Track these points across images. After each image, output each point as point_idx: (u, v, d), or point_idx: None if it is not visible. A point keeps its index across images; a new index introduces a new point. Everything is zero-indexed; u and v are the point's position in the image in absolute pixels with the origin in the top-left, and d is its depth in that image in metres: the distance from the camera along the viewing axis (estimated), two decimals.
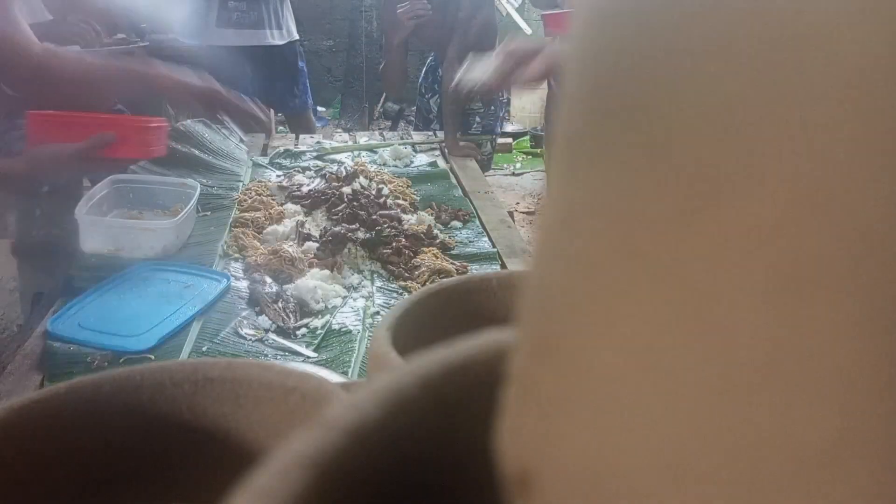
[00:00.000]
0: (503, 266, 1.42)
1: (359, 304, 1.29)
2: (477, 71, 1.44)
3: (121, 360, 1.08)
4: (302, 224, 1.52)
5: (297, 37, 2.77)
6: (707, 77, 0.11)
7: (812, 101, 0.10)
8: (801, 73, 0.10)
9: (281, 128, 3.48)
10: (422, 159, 2.15)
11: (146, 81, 1.42)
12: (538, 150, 4.49)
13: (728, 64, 0.11)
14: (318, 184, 1.73)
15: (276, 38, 2.67)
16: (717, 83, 0.11)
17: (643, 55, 0.12)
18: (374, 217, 1.52)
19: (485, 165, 2.55)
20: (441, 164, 2.13)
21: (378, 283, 1.37)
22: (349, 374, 1.08)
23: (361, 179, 1.73)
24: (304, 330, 1.20)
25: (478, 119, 2.50)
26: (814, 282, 0.10)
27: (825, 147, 0.10)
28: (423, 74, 2.63)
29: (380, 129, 3.44)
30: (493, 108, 2.52)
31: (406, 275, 1.38)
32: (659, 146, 0.12)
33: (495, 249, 1.51)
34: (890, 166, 0.10)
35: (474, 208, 1.75)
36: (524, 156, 4.50)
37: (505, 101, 2.60)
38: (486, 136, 2.51)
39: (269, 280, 1.30)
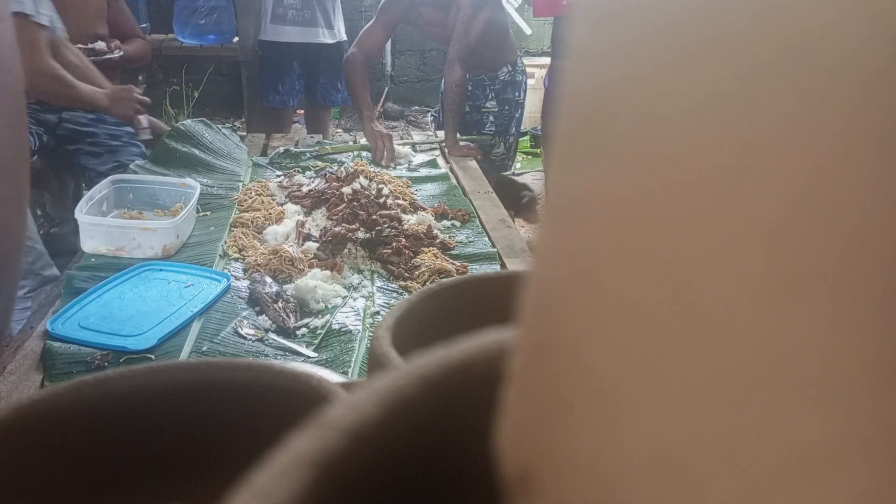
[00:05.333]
0: (503, 266, 1.42)
1: (359, 304, 1.29)
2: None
3: (121, 360, 1.08)
4: (302, 224, 1.52)
5: (345, 38, 2.88)
6: (706, 74, 0.11)
7: (812, 100, 0.10)
8: (800, 71, 0.10)
9: (296, 123, 3.56)
10: (422, 159, 2.15)
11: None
12: (538, 150, 4.49)
13: (726, 62, 0.11)
14: (318, 184, 1.73)
15: (327, 37, 2.80)
16: (715, 79, 0.11)
17: (643, 50, 0.12)
18: (374, 217, 1.52)
19: (500, 167, 2.51)
20: (441, 163, 2.13)
21: (378, 283, 1.37)
22: (349, 374, 1.08)
23: (361, 179, 1.73)
24: (304, 330, 1.20)
25: (491, 118, 2.46)
26: (814, 281, 0.10)
27: (825, 146, 0.10)
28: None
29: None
30: (507, 108, 2.46)
31: (406, 275, 1.38)
32: (658, 144, 0.12)
33: (495, 249, 1.51)
34: (890, 165, 0.10)
35: (474, 208, 1.75)
36: (524, 156, 4.50)
37: (521, 100, 2.56)
38: (499, 136, 2.47)
39: (269, 280, 1.30)
